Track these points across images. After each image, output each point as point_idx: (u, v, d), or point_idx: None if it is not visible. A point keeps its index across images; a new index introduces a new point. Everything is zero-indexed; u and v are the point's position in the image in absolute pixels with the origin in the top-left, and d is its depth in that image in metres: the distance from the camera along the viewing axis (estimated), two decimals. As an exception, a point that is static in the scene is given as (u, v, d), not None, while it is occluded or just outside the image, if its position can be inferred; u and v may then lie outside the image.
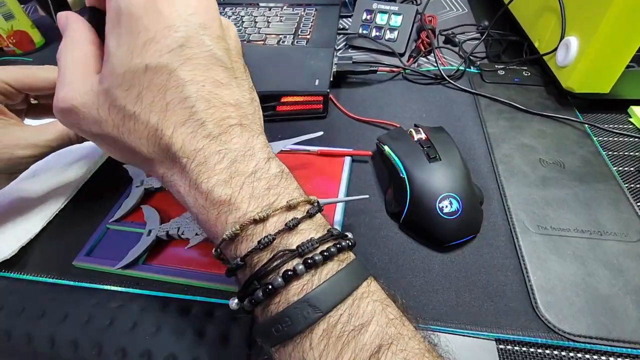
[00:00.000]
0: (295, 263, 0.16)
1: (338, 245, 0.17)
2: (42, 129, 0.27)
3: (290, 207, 0.17)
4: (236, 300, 0.17)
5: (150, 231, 0.28)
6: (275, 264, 0.16)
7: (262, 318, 0.17)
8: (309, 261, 0.16)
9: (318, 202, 0.19)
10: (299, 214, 0.17)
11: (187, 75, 0.17)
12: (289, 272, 0.16)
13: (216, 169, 0.17)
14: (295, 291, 0.16)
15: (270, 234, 0.16)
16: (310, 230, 0.17)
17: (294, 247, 0.16)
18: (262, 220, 0.17)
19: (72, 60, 0.18)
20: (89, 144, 0.30)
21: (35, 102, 0.31)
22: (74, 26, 0.19)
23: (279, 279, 0.16)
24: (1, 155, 0.25)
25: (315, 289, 0.15)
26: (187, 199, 0.18)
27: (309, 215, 0.18)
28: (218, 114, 0.17)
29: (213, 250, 0.18)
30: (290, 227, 0.17)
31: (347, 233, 0.19)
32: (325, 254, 0.16)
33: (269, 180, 0.18)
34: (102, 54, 0.19)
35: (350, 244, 0.18)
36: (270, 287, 0.16)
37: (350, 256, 0.18)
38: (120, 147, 0.18)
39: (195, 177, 0.17)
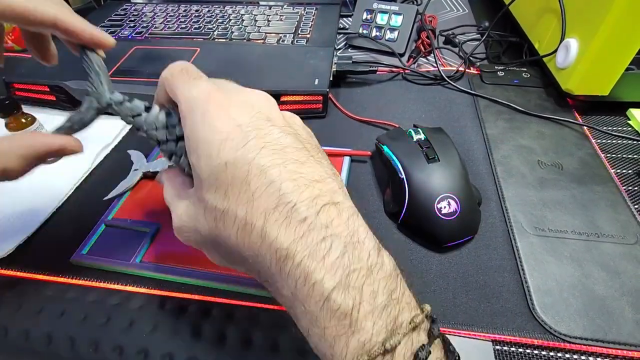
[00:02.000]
0: None
1: None
2: (11, 137, 0.21)
3: (415, 327, 0.14)
4: None
5: (137, 170, 0.28)
6: None
7: None
8: None
9: (432, 315, 0.16)
10: (422, 334, 0.15)
11: (267, 161, 0.16)
12: None
13: (327, 263, 0.14)
14: None
15: None
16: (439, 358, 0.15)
17: None
18: (392, 350, 0.14)
19: (173, 190, 0.21)
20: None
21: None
22: (167, 175, 0.22)
23: None
24: None
25: None
26: (296, 307, 0.15)
27: (434, 336, 0.15)
28: (307, 192, 0.16)
29: None
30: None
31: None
32: None
33: (387, 282, 0.15)
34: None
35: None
36: None
37: None
38: (218, 249, 0.18)
39: (305, 275, 0.14)
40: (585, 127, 0.38)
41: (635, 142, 0.37)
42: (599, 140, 0.37)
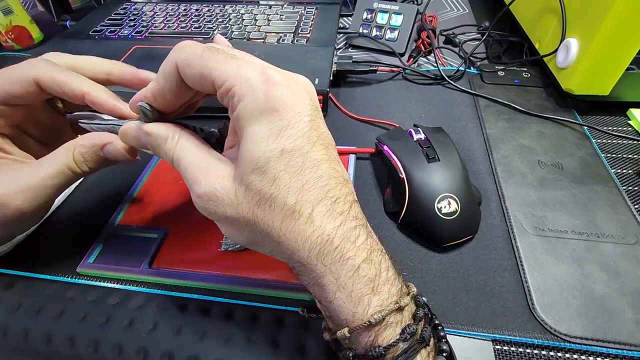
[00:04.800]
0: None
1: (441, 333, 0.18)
2: (35, 164, 0.22)
3: (413, 297, 0.18)
4: None
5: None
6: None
7: None
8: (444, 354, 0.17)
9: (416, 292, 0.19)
10: (413, 304, 0.18)
11: (319, 156, 0.18)
12: None
13: (357, 245, 0.17)
14: None
15: (411, 324, 0.17)
16: (427, 324, 0.18)
17: (418, 337, 0.17)
18: (402, 309, 0.17)
19: (200, 150, 0.19)
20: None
21: None
22: (179, 128, 0.20)
23: None
24: None
25: None
26: (325, 278, 0.17)
27: (422, 305, 0.18)
28: (343, 190, 0.18)
29: (346, 332, 0.17)
30: (418, 320, 0.17)
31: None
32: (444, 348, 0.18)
33: (391, 262, 0.19)
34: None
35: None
36: None
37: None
38: (252, 229, 0.18)
39: (341, 254, 0.17)
40: (585, 127, 0.38)
41: (635, 142, 0.37)
42: (599, 140, 0.37)
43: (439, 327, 0.18)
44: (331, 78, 0.42)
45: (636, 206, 0.31)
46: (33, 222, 0.24)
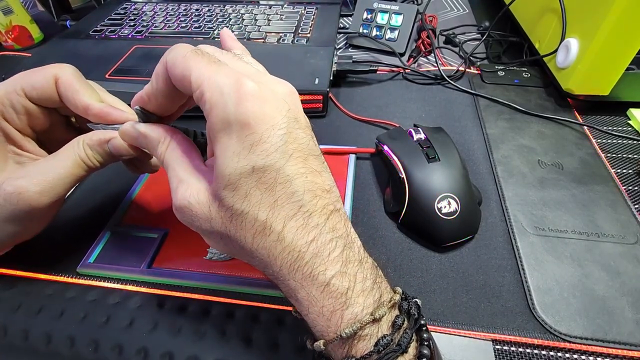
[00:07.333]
0: None
1: (426, 343, 0.17)
2: (49, 158, 0.23)
3: (393, 304, 0.17)
4: None
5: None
6: None
7: None
8: None
9: (403, 292, 0.19)
10: (397, 310, 0.18)
11: (293, 170, 0.17)
12: None
13: (331, 258, 0.17)
14: None
15: (386, 335, 0.16)
16: (408, 329, 0.17)
17: (395, 345, 0.17)
18: (378, 320, 0.17)
19: (185, 160, 0.19)
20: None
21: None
22: (171, 132, 0.20)
23: None
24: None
25: None
26: (298, 293, 0.17)
27: (405, 310, 0.18)
28: (320, 202, 0.17)
29: (321, 344, 0.17)
30: (397, 328, 0.17)
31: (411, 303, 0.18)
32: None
33: (371, 271, 0.18)
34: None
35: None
36: None
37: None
38: (226, 242, 0.19)
39: (311, 270, 0.17)
40: (585, 127, 0.38)
41: (635, 141, 0.37)
42: (599, 140, 0.37)
43: (423, 329, 0.18)
44: (331, 78, 0.42)
45: (636, 206, 0.31)
46: (40, 224, 0.25)
